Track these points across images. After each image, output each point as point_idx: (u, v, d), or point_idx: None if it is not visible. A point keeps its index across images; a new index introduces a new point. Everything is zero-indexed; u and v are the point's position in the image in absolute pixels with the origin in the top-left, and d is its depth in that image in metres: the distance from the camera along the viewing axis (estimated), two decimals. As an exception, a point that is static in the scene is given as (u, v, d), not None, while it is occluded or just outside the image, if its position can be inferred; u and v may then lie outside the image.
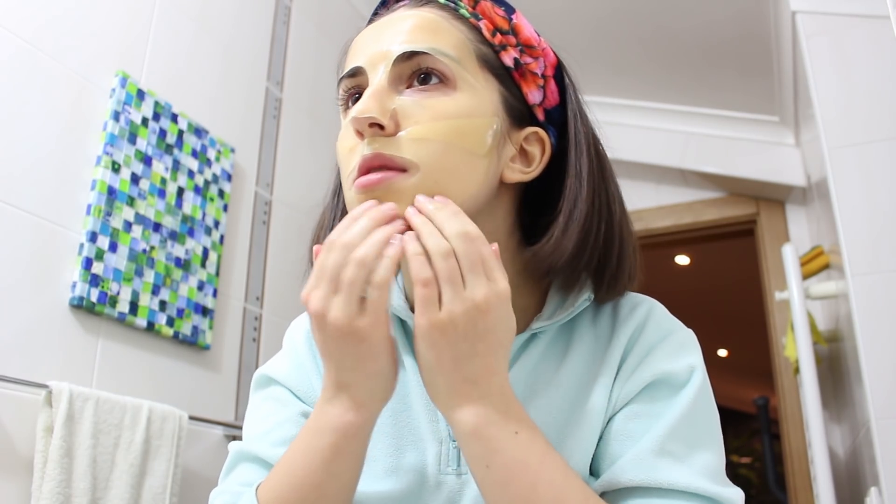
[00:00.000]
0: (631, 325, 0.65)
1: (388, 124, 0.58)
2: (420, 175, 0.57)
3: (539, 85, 0.65)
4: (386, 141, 0.57)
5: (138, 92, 1.54)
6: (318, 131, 2.21)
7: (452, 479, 0.61)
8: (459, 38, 0.62)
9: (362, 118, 0.57)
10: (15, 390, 1.22)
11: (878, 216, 1.62)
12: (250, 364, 1.82)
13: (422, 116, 0.58)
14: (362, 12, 2.51)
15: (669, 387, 0.61)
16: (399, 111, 0.58)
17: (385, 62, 0.60)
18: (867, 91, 1.72)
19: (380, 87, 0.59)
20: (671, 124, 2.65)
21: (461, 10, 0.64)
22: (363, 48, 0.63)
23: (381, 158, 0.57)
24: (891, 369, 1.51)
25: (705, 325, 5.24)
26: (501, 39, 0.64)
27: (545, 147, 0.66)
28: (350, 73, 0.63)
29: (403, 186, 0.57)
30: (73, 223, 1.39)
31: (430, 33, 0.62)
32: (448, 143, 0.58)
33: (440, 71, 0.60)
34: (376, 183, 0.57)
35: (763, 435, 3.62)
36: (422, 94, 0.59)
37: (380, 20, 0.66)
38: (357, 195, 0.58)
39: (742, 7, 2.16)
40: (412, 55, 0.60)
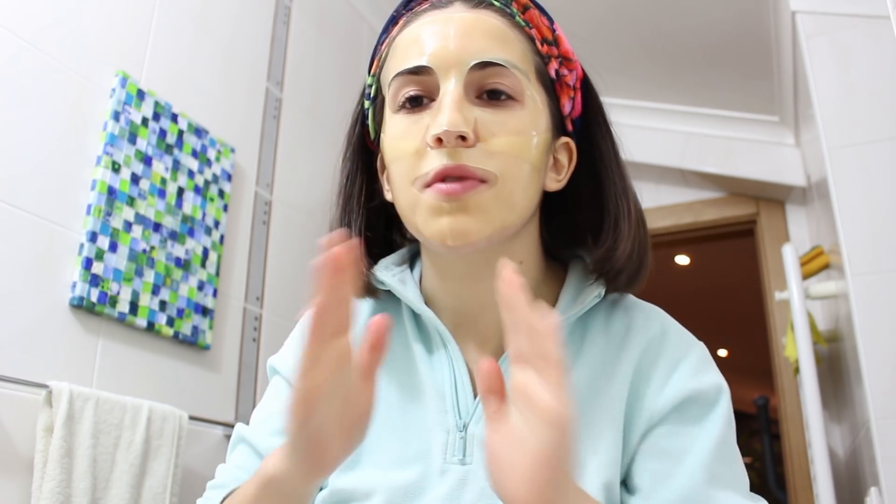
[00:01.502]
0: (645, 334, 0.66)
1: (471, 137, 0.59)
2: (497, 187, 0.59)
3: (570, 97, 0.68)
4: (467, 152, 0.59)
5: (138, 92, 1.54)
6: (318, 131, 2.21)
7: (457, 467, 0.62)
8: (522, 50, 0.64)
9: (453, 132, 0.58)
10: (15, 390, 1.22)
11: (878, 216, 1.62)
12: (250, 364, 1.82)
13: (498, 129, 0.60)
14: (362, 12, 2.51)
15: (700, 405, 0.63)
16: (477, 122, 0.60)
17: (458, 69, 0.60)
18: (867, 91, 1.72)
19: (459, 97, 0.60)
20: (671, 124, 2.65)
21: (517, 17, 0.65)
22: (428, 46, 0.62)
23: (463, 169, 0.59)
24: (891, 369, 1.51)
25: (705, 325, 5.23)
26: (547, 50, 0.66)
27: (572, 155, 0.69)
28: (413, 69, 0.62)
29: (483, 197, 0.59)
30: (73, 223, 1.39)
31: (500, 42, 0.62)
32: (520, 157, 0.60)
33: (511, 86, 0.61)
34: (461, 191, 0.58)
35: (763, 435, 3.62)
36: (495, 107, 0.61)
37: (436, 14, 0.64)
38: (435, 200, 0.59)
39: (742, 7, 2.16)
40: (487, 65, 0.60)
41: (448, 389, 0.65)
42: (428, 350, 0.68)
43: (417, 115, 0.62)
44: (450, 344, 0.66)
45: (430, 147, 0.60)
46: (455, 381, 0.65)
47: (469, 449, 0.62)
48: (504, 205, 0.60)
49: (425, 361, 0.67)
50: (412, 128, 0.62)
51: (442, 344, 0.67)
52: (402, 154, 0.62)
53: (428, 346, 0.68)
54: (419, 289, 0.70)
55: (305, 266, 2.22)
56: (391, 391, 0.67)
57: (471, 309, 0.67)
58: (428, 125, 0.60)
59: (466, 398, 0.64)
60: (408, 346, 0.69)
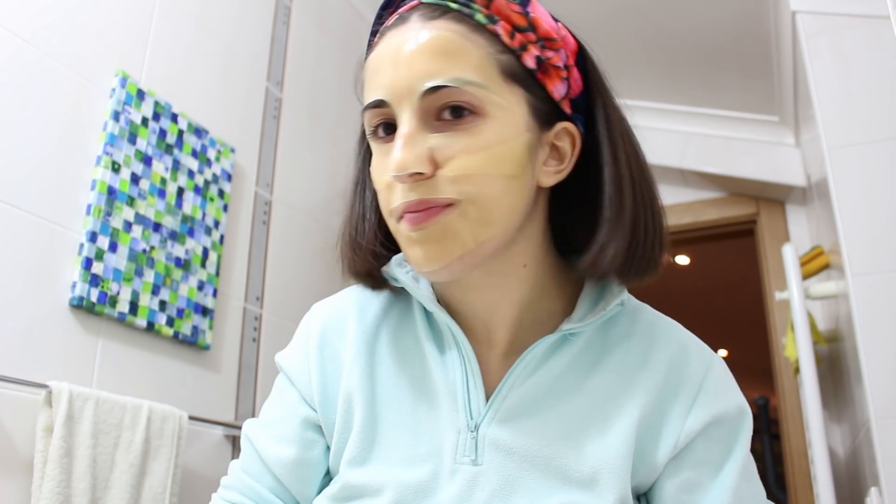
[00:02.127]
0: (668, 351, 0.66)
1: (427, 169, 0.58)
2: (462, 206, 0.59)
3: (563, 77, 0.64)
4: (427, 185, 0.59)
5: (138, 92, 1.54)
6: (318, 131, 2.21)
7: (468, 468, 0.62)
8: (480, 56, 0.60)
9: (403, 175, 0.58)
10: (15, 390, 1.22)
11: (878, 216, 1.62)
12: (250, 364, 1.82)
13: (456, 153, 0.59)
14: (362, 12, 2.51)
15: (725, 429, 0.64)
16: (434, 150, 0.59)
17: (410, 99, 0.59)
18: (867, 91, 1.72)
19: (411, 131, 0.59)
20: (671, 124, 2.65)
21: (476, 15, 0.61)
22: (383, 76, 0.61)
23: (425, 203, 0.59)
24: (891, 369, 1.51)
25: (705, 325, 5.23)
26: (521, 39, 0.62)
27: (575, 140, 0.66)
28: (373, 104, 0.62)
29: (447, 220, 0.59)
30: (73, 223, 1.39)
31: (451, 58, 0.59)
32: (486, 174, 0.59)
33: (468, 102, 0.59)
34: (424, 219, 0.59)
35: (763, 435, 3.62)
36: (453, 129, 0.59)
37: (393, 36, 0.62)
38: (406, 231, 0.60)
39: (742, 7, 2.16)
40: (437, 89, 0.59)
41: (460, 389, 0.65)
42: (440, 349, 0.68)
43: (386, 147, 0.62)
44: (462, 344, 0.66)
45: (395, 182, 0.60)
46: (467, 381, 0.65)
47: (480, 449, 0.62)
48: (475, 222, 0.59)
49: (437, 361, 0.67)
50: (383, 160, 0.62)
51: (454, 343, 0.67)
52: (378, 187, 0.63)
53: (440, 345, 0.68)
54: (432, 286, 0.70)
55: (305, 266, 2.23)
56: (403, 389, 0.67)
57: (478, 313, 0.67)
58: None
59: (478, 399, 0.64)
60: (420, 344, 0.69)
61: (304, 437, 0.69)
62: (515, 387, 0.64)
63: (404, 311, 0.72)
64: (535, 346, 0.64)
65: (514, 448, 0.62)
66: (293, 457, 0.68)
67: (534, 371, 0.64)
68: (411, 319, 0.71)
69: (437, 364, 0.67)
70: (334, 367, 0.70)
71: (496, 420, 0.63)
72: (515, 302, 0.67)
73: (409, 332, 0.70)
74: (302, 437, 0.69)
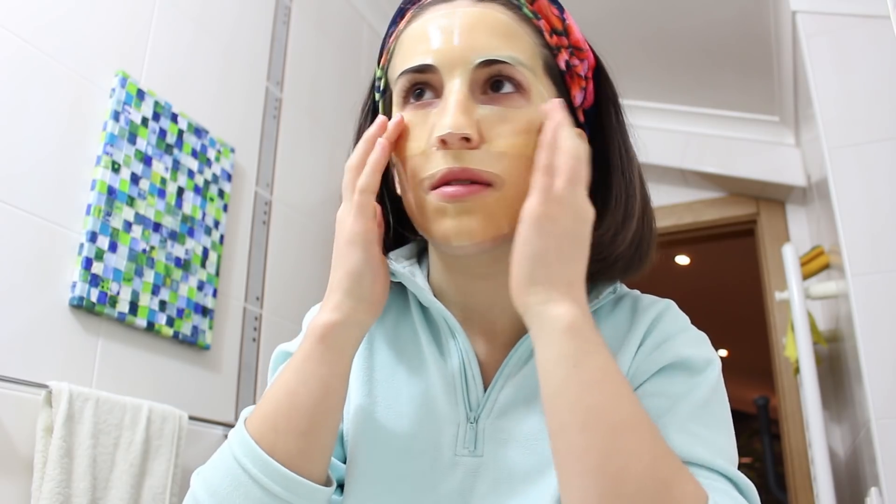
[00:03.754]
0: (649, 316, 0.67)
1: (476, 138, 0.59)
2: (503, 190, 0.59)
3: (582, 87, 0.67)
4: (472, 154, 0.59)
5: (138, 92, 1.54)
6: (318, 131, 2.21)
7: (468, 459, 0.62)
8: (529, 44, 0.63)
9: (457, 133, 0.57)
10: (15, 390, 1.22)
11: (878, 216, 1.62)
12: (250, 364, 1.82)
13: (503, 129, 0.60)
14: (362, 12, 2.51)
15: (686, 371, 0.62)
16: (482, 123, 0.59)
17: (463, 68, 0.60)
18: (867, 91, 1.72)
19: (464, 98, 0.59)
20: (671, 124, 2.65)
21: (524, 9, 0.64)
22: (433, 42, 0.62)
23: (469, 172, 0.59)
24: (891, 369, 1.51)
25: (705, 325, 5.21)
26: (557, 41, 0.65)
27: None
28: (418, 68, 0.62)
29: (489, 200, 0.59)
30: (73, 223, 1.39)
31: (505, 38, 0.61)
32: (526, 156, 0.60)
33: (517, 81, 0.61)
34: (465, 194, 0.59)
35: (763, 435, 3.62)
36: (500, 105, 0.60)
37: (441, 8, 0.64)
38: (440, 202, 0.60)
39: (742, 7, 2.16)
40: (491, 62, 0.60)
41: (458, 381, 0.65)
42: (437, 343, 0.68)
43: (423, 112, 0.62)
44: (460, 336, 0.66)
45: (435, 148, 0.59)
46: (465, 373, 0.66)
47: (480, 441, 0.63)
48: (509, 207, 0.59)
49: (435, 354, 0.67)
50: (418, 128, 0.62)
51: (451, 336, 0.67)
52: (408, 154, 0.62)
53: (437, 339, 0.69)
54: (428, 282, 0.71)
55: (305, 266, 2.23)
56: (400, 382, 0.67)
57: (479, 304, 0.68)
58: (433, 125, 0.60)
59: (477, 390, 0.65)
60: (417, 339, 0.69)
61: None
62: (511, 376, 0.65)
63: (401, 307, 0.73)
64: (527, 337, 0.65)
65: (514, 436, 0.62)
66: None
67: (529, 359, 0.65)
68: (408, 314, 0.71)
69: (435, 358, 0.67)
70: None
71: (495, 410, 0.64)
72: None
73: (405, 326, 0.71)
74: None
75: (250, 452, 0.57)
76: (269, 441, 0.57)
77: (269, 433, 0.58)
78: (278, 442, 0.57)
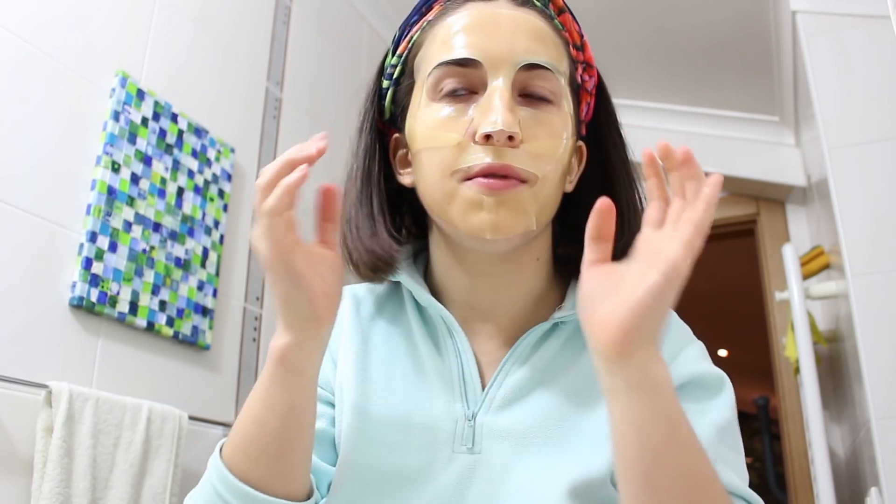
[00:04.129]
0: None
1: (519, 137, 0.60)
2: (536, 188, 0.61)
3: (587, 102, 0.71)
4: (512, 152, 0.60)
5: (138, 92, 1.54)
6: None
7: (466, 456, 0.63)
8: (562, 53, 0.66)
9: (507, 131, 0.59)
10: (15, 390, 1.22)
11: (878, 216, 1.62)
12: (250, 364, 1.82)
13: (540, 132, 0.62)
14: (362, 12, 2.51)
15: (705, 389, 0.64)
16: (522, 124, 0.61)
17: (508, 67, 0.61)
18: (867, 91, 1.72)
19: (509, 97, 0.61)
20: (671, 124, 2.65)
21: (555, 20, 0.67)
22: (477, 38, 0.63)
23: (508, 169, 0.60)
24: (891, 369, 1.51)
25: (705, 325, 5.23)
26: (576, 55, 0.68)
27: (582, 158, 0.71)
28: (461, 61, 0.62)
29: (523, 196, 0.61)
30: (73, 223, 1.39)
31: (544, 45, 0.64)
32: (557, 159, 0.63)
33: (552, 88, 0.63)
34: (504, 188, 0.60)
35: (763, 435, 3.62)
36: (537, 110, 0.63)
37: (481, 7, 0.65)
38: (476, 194, 0.60)
39: (742, 7, 2.16)
40: (534, 66, 0.62)
41: (456, 379, 0.66)
42: (434, 342, 0.69)
43: (460, 107, 0.62)
44: (457, 334, 0.67)
45: (474, 142, 0.60)
46: (463, 370, 0.66)
47: (478, 438, 0.63)
48: (539, 205, 0.62)
49: (431, 353, 0.68)
50: (454, 120, 0.62)
51: (448, 334, 0.68)
52: (441, 144, 0.62)
53: (434, 337, 0.69)
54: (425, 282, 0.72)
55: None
56: (396, 380, 0.68)
57: (482, 302, 0.68)
58: (473, 119, 0.61)
59: (475, 387, 0.65)
60: (412, 336, 0.70)
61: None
62: (511, 374, 0.65)
63: (397, 308, 0.73)
64: (527, 335, 0.66)
65: (512, 432, 0.63)
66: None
67: (527, 358, 0.66)
68: (404, 316, 0.72)
69: (432, 356, 0.67)
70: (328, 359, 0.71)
71: (493, 408, 0.64)
72: (522, 293, 0.69)
73: (402, 326, 0.71)
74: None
75: (224, 480, 0.58)
76: (242, 468, 0.58)
77: (242, 460, 0.58)
78: (250, 468, 0.58)
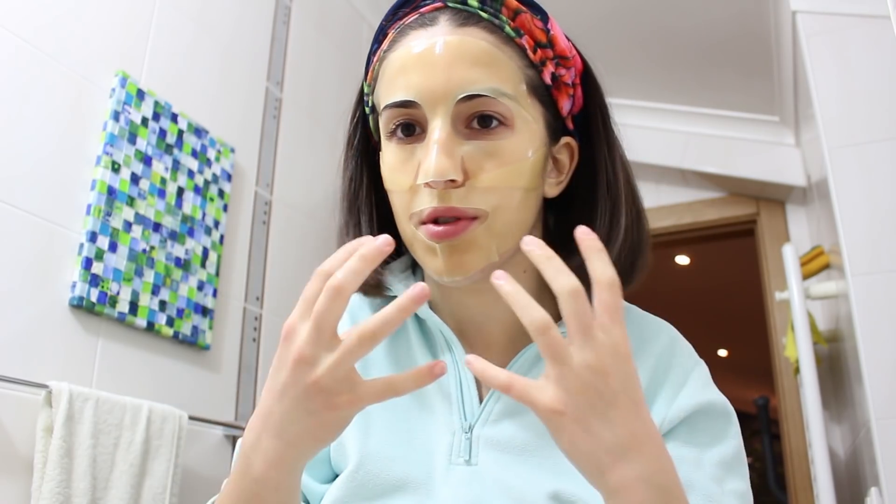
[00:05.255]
0: (657, 345, 0.67)
1: (461, 177, 0.59)
2: (488, 221, 0.60)
3: (570, 94, 0.67)
4: (457, 193, 0.59)
5: (138, 92, 1.54)
6: (318, 131, 2.21)
7: (462, 468, 0.62)
8: (512, 69, 0.62)
9: (440, 180, 0.57)
10: (15, 390, 1.22)
11: (878, 216, 1.62)
12: (250, 364, 1.82)
13: (488, 164, 0.60)
14: (362, 12, 2.51)
15: (712, 418, 0.64)
16: (466, 159, 0.59)
17: (445, 105, 0.59)
18: (867, 91, 1.72)
19: (446, 138, 0.59)
20: (671, 124, 2.65)
21: (505, 28, 0.63)
22: (414, 76, 0.60)
23: (454, 211, 0.59)
24: (891, 369, 1.51)
25: (705, 325, 5.26)
26: (541, 55, 0.64)
27: (573, 153, 0.69)
28: (401, 104, 0.61)
29: (474, 235, 0.60)
30: (73, 223, 1.39)
31: (486, 68, 0.60)
32: (511, 186, 0.60)
33: (500, 113, 0.60)
34: (452, 234, 0.59)
35: (763, 435, 3.62)
36: (483, 139, 0.60)
37: (420, 37, 0.62)
38: (428, 241, 0.60)
39: (742, 7, 2.16)
40: (474, 97, 0.59)
41: (454, 392, 0.66)
42: (433, 354, 0.68)
43: (410, 148, 0.62)
44: (455, 347, 0.67)
45: (422, 185, 0.60)
46: (461, 383, 0.66)
47: (475, 450, 0.63)
48: (497, 236, 0.60)
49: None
50: (405, 163, 0.62)
51: (447, 347, 0.67)
52: (397, 188, 0.63)
53: (432, 350, 0.69)
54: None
55: (305, 266, 2.22)
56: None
57: (474, 317, 0.68)
58: (419, 163, 0.60)
59: (472, 400, 0.65)
60: (411, 350, 0.69)
61: None
62: None
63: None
64: (527, 350, 0.65)
65: (509, 445, 0.62)
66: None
67: (527, 372, 0.65)
68: (402, 327, 0.71)
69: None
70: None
71: (490, 420, 0.64)
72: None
73: (400, 338, 0.70)
74: None
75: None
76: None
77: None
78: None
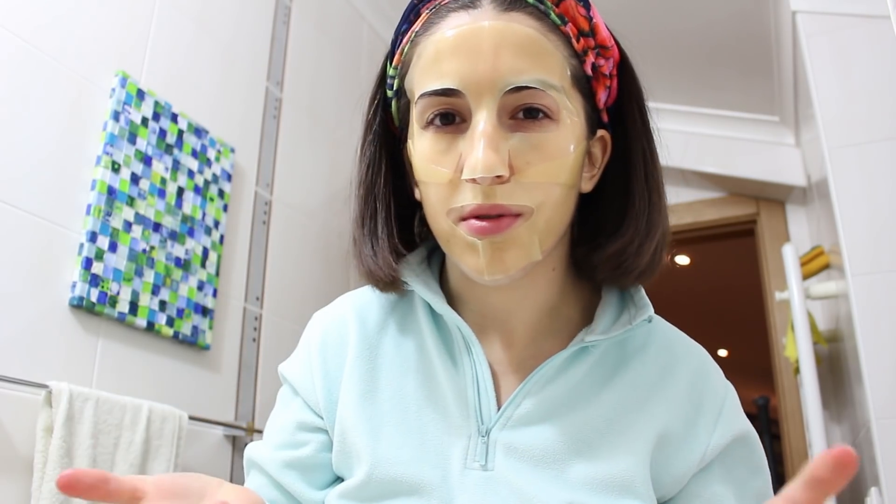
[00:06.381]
0: (688, 363, 0.66)
1: (507, 173, 0.56)
2: (533, 219, 0.57)
3: (606, 86, 0.64)
4: (502, 189, 0.56)
5: (138, 92, 1.54)
6: (318, 131, 2.21)
7: (478, 473, 0.60)
8: (559, 60, 0.59)
9: (488, 176, 0.54)
10: (15, 390, 1.22)
11: (878, 216, 1.62)
12: (250, 364, 1.82)
13: (533, 157, 0.57)
14: (362, 12, 2.51)
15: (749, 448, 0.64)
16: (511, 152, 0.56)
17: (491, 95, 0.56)
18: (867, 91, 1.72)
19: (493, 131, 0.56)
20: (671, 124, 2.65)
21: (551, 15, 0.60)
22: (458, 64, 0.57)
23: (499, 208, 0.56)
24: (891, 369, 1.51)
25: (705, 325, 5.25)
26: (584, 44, 0.61)
27: (607, 147, 0.66)
28: (442, 91, 0.58)
29: (518, 232, 0.57)
30: (73, 223, 1.39)
31: (534, 58, 0.57)
32: (557, 182, 0.58)
33: (547, 106, 0.57)
34: (496, 230, 0.56)
35: (763, 435, 3.62)
36: (530, 133, 0.57)
37: (461, 19, 0.59)
38: (470, 237, 0.57)
39: (742, 7, 2.16)
40: (521, 88, 0.56)
41: (471, 394, 0.63)
42: (449, 352, 0.66)
43: (450, 138, 0.58)
44: (474, 347, 0.64)
45: (463, 178, 0.57)
46: (478, 385, 0.63)
47: (491, 454, 0.61)
48: (540, 234, 0.58)
49: (446, 364, 0.65)
50: (445, 154, 0.58)
51: (465, 346, 0.64)
52: (434, 180, 0.59)
53: (449, 348, 0.66)
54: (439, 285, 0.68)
55: (305, 266, 2.23)
56: (408, 395, 0.65)
57: (497, 312, 0.66)
58: (461, 154, 0.57)
59: (489, 403, 0.62)
60: (426, 349, 0.67)
61: (295, 438, 0.68)
62: (530, 395, 0.62)
63: (407, 314, 0.70)
64: (553, 359, 0.63)
65: (526, 454, 0.60)
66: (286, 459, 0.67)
67: (550, 381, 0.63)
68: (415, 322, 0.68)
69: (446, 368, 0.65)
70: (337, 373, 0.68)
71: (508, 426, 0.62)
72: (539, 305, 0.66)
73: (413, 335, 0.68)
74: (293, 439, 0.68)
75: None
76: None
77: None
78: None
